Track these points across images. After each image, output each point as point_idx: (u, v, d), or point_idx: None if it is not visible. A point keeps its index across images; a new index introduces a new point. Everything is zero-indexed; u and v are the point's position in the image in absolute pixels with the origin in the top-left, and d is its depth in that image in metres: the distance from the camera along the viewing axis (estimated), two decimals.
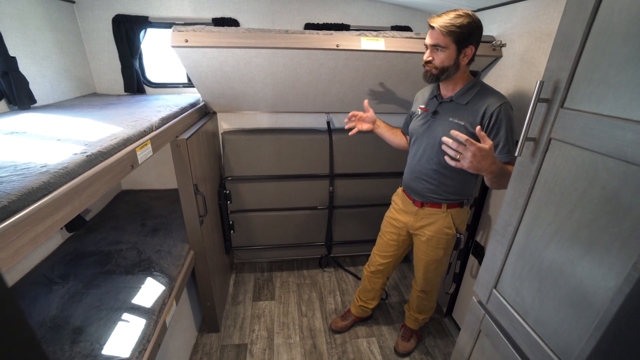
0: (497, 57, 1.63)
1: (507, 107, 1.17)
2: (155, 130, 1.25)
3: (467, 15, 1.12)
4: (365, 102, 1.54)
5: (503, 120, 1.16)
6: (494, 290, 0.76)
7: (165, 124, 1.35)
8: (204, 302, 1.86)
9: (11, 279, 1.36)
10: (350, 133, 1.53)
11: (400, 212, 1.58)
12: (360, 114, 1.54)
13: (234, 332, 2.00)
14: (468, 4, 1.81)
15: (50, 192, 0.72)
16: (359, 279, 2.49)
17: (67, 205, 0.76)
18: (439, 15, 1.15)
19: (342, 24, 2.06)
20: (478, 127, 0.96)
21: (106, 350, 1.06)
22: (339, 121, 2.28)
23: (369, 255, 1.85)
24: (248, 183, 2.19)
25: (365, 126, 1.54)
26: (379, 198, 2.37)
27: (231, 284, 2.41)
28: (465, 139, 0.94)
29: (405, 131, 1.61)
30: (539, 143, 0.62)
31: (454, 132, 0.97)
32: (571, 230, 0.57)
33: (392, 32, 1.54)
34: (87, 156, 0.86)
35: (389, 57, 1.60)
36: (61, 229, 1.63)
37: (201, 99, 1.95)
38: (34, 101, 1.46)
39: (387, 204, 1.72)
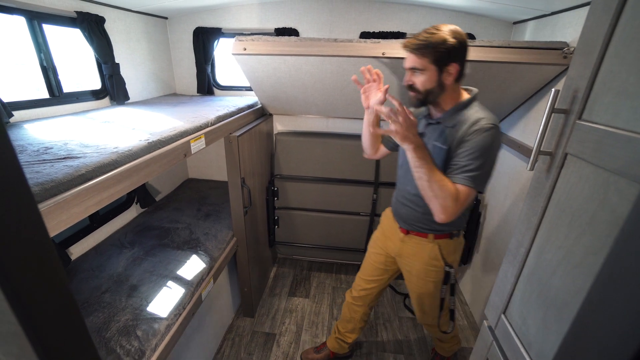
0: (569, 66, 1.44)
1: (493, 132, 1.01)
2: (210, 127, 1.44)
3: (445, 32, 0.99)
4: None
5: (476, 142, 1.00)
6: (502, 316, 0.69)
7: (220, 122, 1.54)
8: (242, 287, 2.03)
9: (98, 239, 1.70)
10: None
11: (386, 235, 1.46)
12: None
13: (266, 321, 2.13)
14: (541, 7, 1.64)
15: (115, 168, 0.92)
16: (398, 292, 2.40)
17: (127, 180, 0.94)
18: (414, 36, 1.04)
19: (399, 32, 2.04)
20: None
21: (150, 308, 1.25)
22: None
23: None
24: (295, 182, 2.31)
25: (374, 101, 1.20)
26: None
27: (271, 276, 2.56)
28: (398, 103, 1.00)
29: (384, 142, 1.40)
30: (554, 158, 0.56)
31: (390, 98, 1.05)
32: (579, 257, 0.50)
33: None
34: (148, 143, 1.06)
35: None
36: (136, 203, 1.96)
37: (259, 102, 2.14)
38: (128, 98, 1.81)
39: None
